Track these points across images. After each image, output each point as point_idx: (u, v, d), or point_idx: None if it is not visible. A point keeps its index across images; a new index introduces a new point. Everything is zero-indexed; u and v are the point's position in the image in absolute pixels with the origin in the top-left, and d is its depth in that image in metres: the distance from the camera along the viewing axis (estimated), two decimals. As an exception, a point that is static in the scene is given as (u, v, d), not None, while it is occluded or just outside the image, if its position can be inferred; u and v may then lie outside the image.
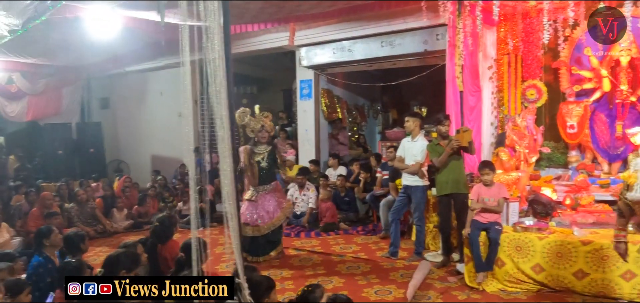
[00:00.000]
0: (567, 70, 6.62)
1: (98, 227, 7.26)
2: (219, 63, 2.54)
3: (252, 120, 5.74)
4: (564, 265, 4.13)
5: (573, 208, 5.19)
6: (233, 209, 2.64)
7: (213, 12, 2.51)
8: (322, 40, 8.34)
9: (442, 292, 4.41)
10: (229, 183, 2.63)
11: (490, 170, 4.60)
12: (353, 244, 6.33)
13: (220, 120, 2.54)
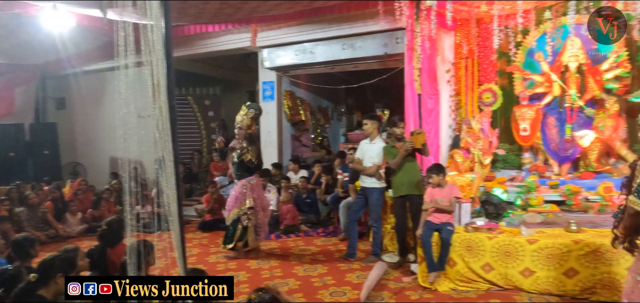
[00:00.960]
0: (521, 75, 6.84)
1: (50, 231, 7.01)
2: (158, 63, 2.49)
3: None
4: (511, 264, 4.24)
5: (523, 209, 5.35)
6: (175, 211, 2.59)
7: (153, 11, 2.46)
8: (284, 42, 8.32)
9: (395, 292, 4.45)
10: (171, 186, 2.58)
11: (441, 172, 4.68)
12: (312, 246, 6.33)
13: (161, 123, 2.49)
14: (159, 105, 2.52)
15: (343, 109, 11.94)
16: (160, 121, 2.49)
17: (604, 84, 6.22)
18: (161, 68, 2.53)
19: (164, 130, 2.52)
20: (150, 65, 2.57)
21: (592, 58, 6.30)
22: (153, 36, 2.53)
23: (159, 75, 2.54)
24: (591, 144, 6.09)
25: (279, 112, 9.02)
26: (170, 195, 2.58)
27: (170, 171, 2.58)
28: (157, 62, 2.54)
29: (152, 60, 2.51)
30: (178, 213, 2.61)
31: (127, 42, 2.58)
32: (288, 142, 9.34)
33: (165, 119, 2.49)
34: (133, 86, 2.85)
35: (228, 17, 6.75)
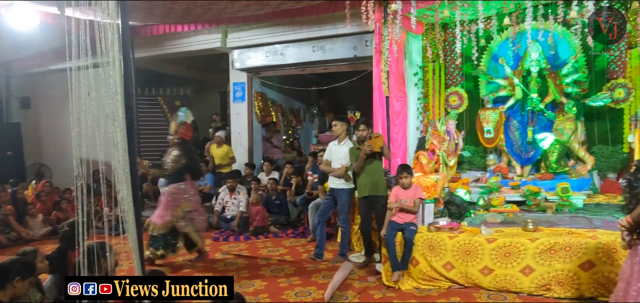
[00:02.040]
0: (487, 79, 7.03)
1: (12, 234, 6.82)
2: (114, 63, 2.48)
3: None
4: (471, 262, 4.36)
5: (485, 209, 5.50)
6: (131, 213, 2.59)
7: (109, 10, 2.46)
8: (254, 43, 8.33)
9: (360, 291, 4.51)
10: (126, 188, 2.57)
11: (407, 173, 4.77)
12: (281, 247, 6.35)
13: (116, 124, 2.48)
14: (116, 106, 2.51)
15: (315, 111, 11.99)
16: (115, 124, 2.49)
17: (563, 88, 6.46)
18: (118, 68, 2.52)
19: (121, 132, 2.51)
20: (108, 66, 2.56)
21: (552, 63, 6.53)
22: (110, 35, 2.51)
23: (116, 76, 2.53)
24: (551, 146, 6.31)
25: (249, 113, 9.00)
26: (126, 197, 2.58)
27: (127, 173, 2.57)
28: (115, 62, 2.53)
29: (110, 60, 2.50)
30: (135, 215, 2.61)
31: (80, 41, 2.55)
32: (259, 143, 9.33)
33: (121, 120, 2.48)
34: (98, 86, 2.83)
35: (196, 17, 6.72)
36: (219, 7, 6.08)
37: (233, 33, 8.30)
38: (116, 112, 2.49)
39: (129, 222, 2.55)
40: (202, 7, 5.95)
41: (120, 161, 2.48)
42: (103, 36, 2.49)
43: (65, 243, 4.01)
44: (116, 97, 2.48)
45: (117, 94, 2.48)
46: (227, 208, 7.51)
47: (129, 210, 2.56)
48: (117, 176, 2.54)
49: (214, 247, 6.42)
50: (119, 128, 2.48)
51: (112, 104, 2.50)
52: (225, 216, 7.47)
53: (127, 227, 2.53)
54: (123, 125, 2.50)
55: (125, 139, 2.51)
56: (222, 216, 7.48)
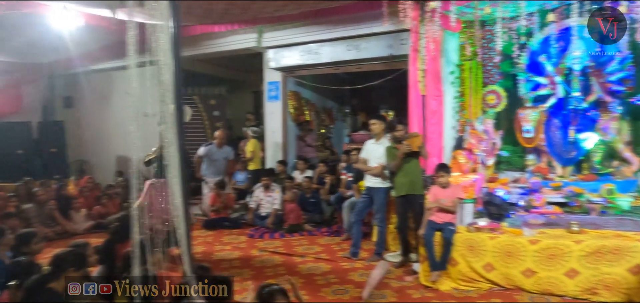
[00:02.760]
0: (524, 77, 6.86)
1: (57, 228, 7.10)
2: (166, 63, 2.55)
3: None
4: (513, 264, 4.28)
5: (526, 210, 5.37)
6: (181, 210, 2.65)
7: (161, 11, 2.53)
8: (289, 43, 8.38)
9: (397, 291, 4.50)
10: (176, 186, 2.64)
11: (445, 172, 4.73)
12: (316, 245, 6.38)
13: (167, 122, 2.55)
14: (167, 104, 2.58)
15: (347, 110, 11.98)
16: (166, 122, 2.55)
17: (608, 86, 6.24)
18: (169, 68, 2.59)
19: (171, 131, 2.58)
20: (158, 65, 2.63)
21: (597, 60, 6.32)
22: (161, 36, 2.58)
23: (166, 75, 2.60)
24: (594, 146, 6.11)
25: (284, 112, 9.08)
26: (176, 193, 2.64)
27: (176, 170, 2.64)
28: (165, 62, 2.60)
29: (160, 60, 2.57)
30: (184, 210, 2.67)
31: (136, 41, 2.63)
32: (293, 142, 9.40)
33: (172, 119, 2.55)
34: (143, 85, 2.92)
35: (234, 17, 6.83)
36: (257, 7, 6.16)
37: (268, 32, 8.38)
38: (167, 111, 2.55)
39: (179, 218, 2.61)
40: (240, 7, 6.04)
41: (173, 161, 2.54)
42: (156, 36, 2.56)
43: (114, 237, 4.15)
44: (167, 97, 2.54)
45: (169, 93, 2.54)
46: (262, 205, 7.60)
47: (178, 206, 2.62)
48: (168, 173, 2.60)
49: (250, 244, 6.53)
50: (170, 126, 2.54)
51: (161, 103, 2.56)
52: (260, 213, 7.56)
53: (177, 222, 2.59)
54: (174, 123, 2.56)
55: (175, 137, 2.57)
56: (257, 213, 7.58)
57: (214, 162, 7.90)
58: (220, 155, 8.03)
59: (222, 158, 8.09)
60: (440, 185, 4.71)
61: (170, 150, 2.57)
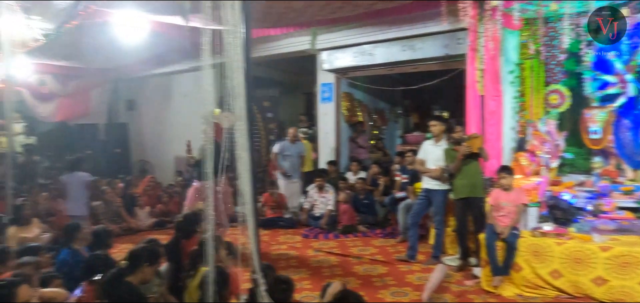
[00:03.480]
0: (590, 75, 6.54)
1: (123, 224, 7.48)
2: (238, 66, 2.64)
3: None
4: (582, 271, 4.09)
5: (594, 215, 5.12)
6: (250, 210, 2.73)
7: (234, 14, 2.61)
8: (343, 44, 8.40)
9: (458, 295, 4.42)
10: (247, 185, 2.72)
11: (507, 174, 4.59)
12: (371, 247, 6.38)
13: (239, 123, 2.63)
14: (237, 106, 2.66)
15: (400, 111, 11.86)
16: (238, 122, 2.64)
17: (684, 84, 5.84)
18: (240, 71, 2.67)
19: (242, 131, 2.66)
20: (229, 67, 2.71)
21: (672, 57, 5.92)
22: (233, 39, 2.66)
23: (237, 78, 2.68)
24: (670, 148, 5.74)
25: (337, 113, 9.11)
26: (246, 193, 2.72)
27: (246, 170, 2.72)
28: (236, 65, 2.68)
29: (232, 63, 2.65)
30: (253, 210, 2.75)
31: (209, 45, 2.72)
32: (345, 143, 9.41)
33: (242, 120, 2.63)
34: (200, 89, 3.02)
35: (291, 20, 6.93)
36: (313, 10, 6.22)
37: (322, 35, 8.44)
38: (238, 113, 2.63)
39: (248, 216, 2.69)
40: (297, 10, 6.13)
41: (243, 160, 2.62)
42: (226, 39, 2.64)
43: (179, 233, 4.33)
44: (239, 98, 2.62)
45: (240, 96, 2.63)
46: (316, 206, 7.67)
47: (248, 203, 2.70)
48: (239, 172, 2.68)
49: (305, 244, 6.61)
50: (242, 127, 2.62)
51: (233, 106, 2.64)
52: (314, 214, 7.63)
53: (249, 224, 2.66)
54: (245, 124, 2.64)
55: (246, 137, 2.65)
56: (311, 214, 7.65)
57: (288, 157, 8.00)
58: (294, 151, 8.14)
59: (295, 154, 8.21)
60: (502, 187, 4.58)
61: (241, 152, 2.65)
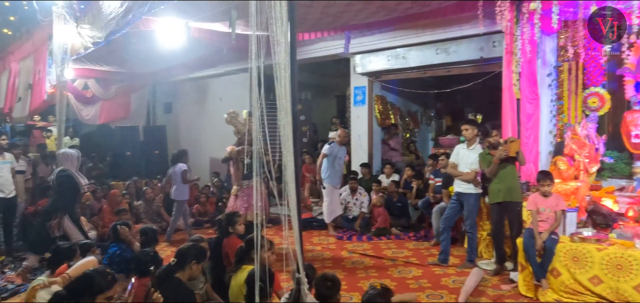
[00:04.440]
0: (632, 78, 6.39)
1: (162, 223, 7.74)
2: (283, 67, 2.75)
3: (240, 123, 6.08)
4: (624, 278, 4.03)
5: (636, 221, 5.01)
6: (295, 210, 2.84)
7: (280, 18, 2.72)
8: (376, 48, 8.46)
9: (494, 299, 4.42)
10: (292, 184, 2.83)
11: (550, 181, 4.54)
12: (404, 249, 6.41)
13: (284, 124, 2.75)
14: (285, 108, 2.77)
15: (432, 114, 11.82)
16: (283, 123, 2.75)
17: None
18: (286, 73, 2.78)
19: (288, 132, 2.77)
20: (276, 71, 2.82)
21: None
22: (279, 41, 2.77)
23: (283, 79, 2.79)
24: None
25: (369, 116, 9.17)
26: (291, 194, 2.83)
27: (291, 172, 2.83)
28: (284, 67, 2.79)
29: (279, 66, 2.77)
30: (297, 211, 2.86)
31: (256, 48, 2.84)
32: (378, 146, 9.46)
33: (288, 122, 2.74)
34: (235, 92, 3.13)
35: (327, 25, 7.04)
36: (348, 15, 6.32)
37: (355, 38, 8.52)
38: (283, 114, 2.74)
39: (294, 218, 2.80)
40: (333, 16, 6.23)
41: (288, 161, 2.73)
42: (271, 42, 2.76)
43: (220, 232, 4.49)
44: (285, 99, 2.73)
45: (286, 97, 2.74)
46: (349, 209, 7.75)
47: (293, 206, 2.81)
48: (286, 174, 2.80)
49: (339, 246, 6.69)
50: (287, 128, 2.74)
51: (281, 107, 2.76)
52: (348, 216, 7.71)
53: (294, 224, 2.77)
54: (290, 126, 2.75)
55: (291, 139, 2.76)
56: (345, 216, 7.73)
57: (336, 159, 7.90)
58: (343, 154, 8.01)
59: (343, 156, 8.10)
60: (542, 194, 4.54)
61: (286, 154, 2.76)
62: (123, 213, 6.48)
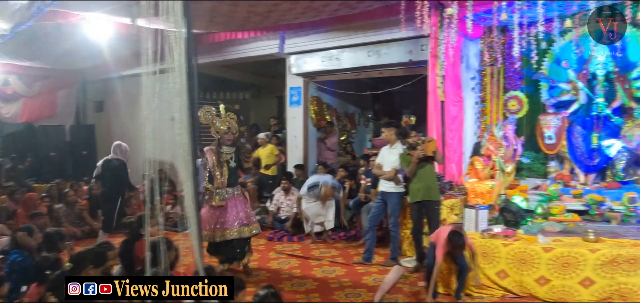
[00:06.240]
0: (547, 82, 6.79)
1: (85, 227, 7.40)
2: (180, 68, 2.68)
3: (218, 120, 5.29)
4: (527, 271, 4.25)
5: (544, 217, 5.31)
6: (193, 212, 2.77)
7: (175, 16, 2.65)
8: (310, 49, 8.48)
9: (410, 296, 4.52)
10: (189, 187, 2.76)
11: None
12: (333, 249, 6.45)
13: (180, 125, 2.68)
14: (181, 108, 2.71)
15: (370, 115, 12.00)
16: (179, 125, 2.68)
17: (633, 92, 6.11)
18: (183, 72, 2.71)
19: (184, 134, 2.71)
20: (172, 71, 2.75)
21: (621, 66, 6.19)
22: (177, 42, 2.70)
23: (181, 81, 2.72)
24: (618, 153, 5.98)
25: (305, 117, 9.19)
26: (188, 195, 2.77)
27: (189, 173, 2.76)
28: (180, 67, 2.72)
29: (175, 65, 2.70)
30: (195, 213, 2.80)
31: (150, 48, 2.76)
32: (313, 147, 9.49)
33: (184, 123, 2.68)
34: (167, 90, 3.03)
35: (256, 24, 6.98)
36: (276, 15, 6.29)
37: (290, 39, 8.51)
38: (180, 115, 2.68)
39: (191, 219, 2.73)
40: (261, 14, 6.19)
41: (186, 163, 2.66)
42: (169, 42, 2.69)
43: (131, 236, 4.33)
44: (180, 100, 2.66)
45: (182, 98, 2.67)
46: (282, 209, 7.71)
47: (190, 207, 2.75)
48: (181, 175, 2.73)
49: (269, 247, 6.65)
50: (183, 130, 2.67)
51: (176, 108, 2.69)
52: (280, 217, 7.67)
53: (189, 224, 2.71)
54: (186, 127, 2.68)
55: (188, 141, 2.70)
56: (277, 217, 7.69)
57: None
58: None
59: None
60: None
61: (184, 156, 2.69)
62: (37, 218, 6.09)
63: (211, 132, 5.35)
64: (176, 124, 2.68)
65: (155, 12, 2.91)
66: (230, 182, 5.24)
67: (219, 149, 5.29)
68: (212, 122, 5.27)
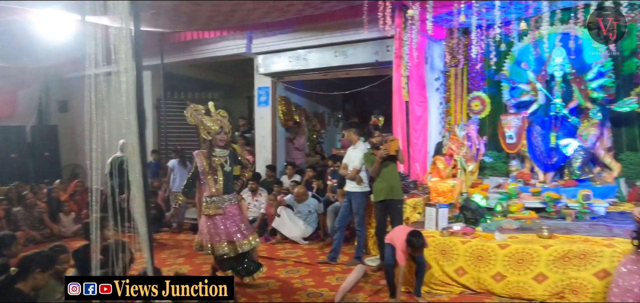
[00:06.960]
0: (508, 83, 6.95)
1: (45, 231, 7.19)
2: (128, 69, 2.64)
3: (208, 119, 4.69)
4: (484, 268, 4.33)
5: (503, 215, 5.43)
6: (142, 211, 2.73)
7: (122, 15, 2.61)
8: (278, 49, 8.47)
9: (371, 294, 4.56)
10: (138, 189, 2.72)
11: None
12: (299, 249, 6.45)
13: (128, 126, 2.63)
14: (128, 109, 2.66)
15: (340, 115, 12.05)
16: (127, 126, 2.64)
17: (589, 93, 6.31)
18: (130, 73, 2.67)
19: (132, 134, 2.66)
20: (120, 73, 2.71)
21: (577, 67, 6.39)
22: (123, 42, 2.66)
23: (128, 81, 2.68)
24: (575, 152, 6.17)
25: (273, 117, 9.17)
26: (137, 196, 2.73)
27: (138, 174, 2.72)
28: (127, 68, 2.68)
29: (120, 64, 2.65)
30: (145, 214, 2.76)
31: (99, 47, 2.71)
32: (282, 147, 9.47)
33: (132, 124, 2.63)
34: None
35: (220, 24, 6.92)
36: (240, 15, 6.25)
37: (257, 39, 8.48)
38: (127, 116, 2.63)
39: (139, 221, 2.69)
40: (224, 14, 6.14)
41: (134, 165, 2.62)
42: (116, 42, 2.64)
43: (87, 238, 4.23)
44: (128, 102, 2.62)
45: (129, 99, 2.63)
46: (249, 210, 7.66)
47: (140, 208, 2.70)
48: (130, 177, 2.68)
49: (235, 248, 6.57)
50: (131, 130, 2.63)
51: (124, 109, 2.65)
52: (247, 218, 7.61)
53: (139, 225, 2.67)
54: (134, 128, 2.64)
55: (136, 142, 2.65)
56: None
57: None
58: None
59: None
60: None
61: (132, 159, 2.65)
62: (-4, 221, 5.93)
63: (201, 133, 4.75)
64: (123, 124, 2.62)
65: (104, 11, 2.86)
66: (227, 188, 4.67)
67: (211, 152, 4.67)
68: (201, 122, 4.67)
